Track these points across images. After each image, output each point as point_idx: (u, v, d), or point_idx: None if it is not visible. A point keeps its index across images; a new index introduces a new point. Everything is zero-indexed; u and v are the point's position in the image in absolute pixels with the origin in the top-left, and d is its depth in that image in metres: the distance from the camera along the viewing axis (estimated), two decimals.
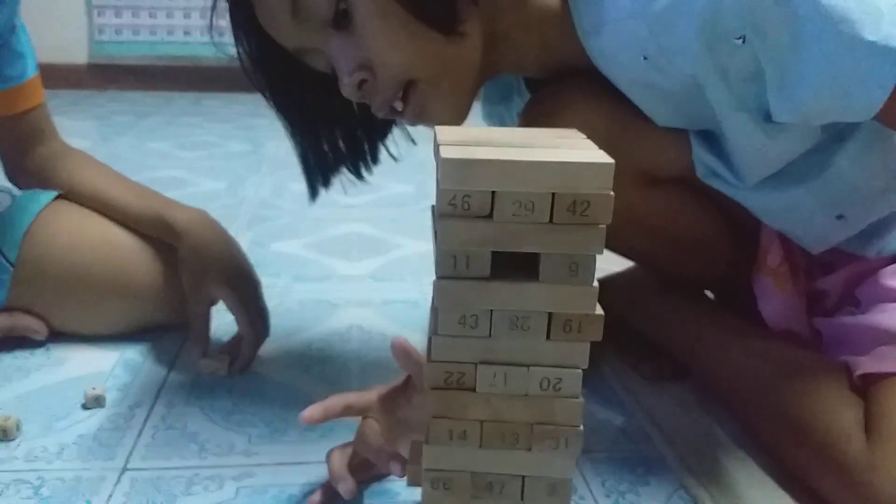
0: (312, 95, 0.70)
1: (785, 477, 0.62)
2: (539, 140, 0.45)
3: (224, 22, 0.68)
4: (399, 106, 0.65)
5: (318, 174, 0.75)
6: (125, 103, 2.34)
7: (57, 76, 2.45)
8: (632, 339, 0.82)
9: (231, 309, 0.77)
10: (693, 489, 0.61)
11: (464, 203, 0.41)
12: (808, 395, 0.61)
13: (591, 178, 0.41)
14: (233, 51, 0.67)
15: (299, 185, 1.50)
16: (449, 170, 0.41)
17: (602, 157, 0.42)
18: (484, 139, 0.45)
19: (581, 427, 0.46)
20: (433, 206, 0.47)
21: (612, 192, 0.41)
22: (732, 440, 0.68)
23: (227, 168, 1.61)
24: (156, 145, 1.80)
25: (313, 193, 0.76)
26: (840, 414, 0.59)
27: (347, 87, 0.63)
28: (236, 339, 0.78)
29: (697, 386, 0.77)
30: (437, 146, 0.44)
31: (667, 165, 0.67)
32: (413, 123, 0.68)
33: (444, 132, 0.46)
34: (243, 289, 0.78)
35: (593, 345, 0.44)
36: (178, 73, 2.60)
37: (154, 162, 1.63)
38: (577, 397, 0.45)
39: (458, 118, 0.67)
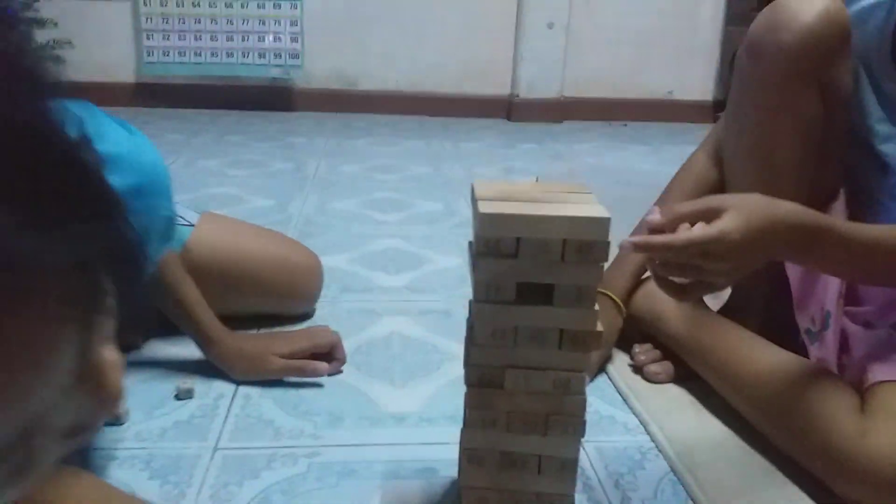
0: None
1: (770, 461, 0.75)
2: (554, 196, 0.59)
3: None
4: None
5: None
6: (174, 121, 2.51)
7: (108, 94, 2.63)
8: (643, 342, 0.95)
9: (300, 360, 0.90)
10: (681, 474, 0.74)
11: (496, 246, 0.55)
12: (808, 388, 0.73)
13: (593, 229, 0.54)
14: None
15: (340, 202, 1.65)
16: (485, 221, 0.55)
17: (601, 211, 0.55)
18: (512, 194, 0.58)
19: (585, 418, 0.59)
20: (470, 243, 0.61)
21: (609, 240, 0.55)
22: (720, 434, 0.81)
23: (274, 186, 1.76)
24: (207, 163, 1.96)
25: None
26: (835, 404, 0.70)
27: None
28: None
29: (693, 388, 0.89)
30: (474, 200, 0.58)
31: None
32: None
33: (482, 187, 0.60)
34: (293, 343, 0.91)
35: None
36: (221, 93, 2.77)
37: (207, 180, 1.79)
38: (581, 394, 0.59)
39: None
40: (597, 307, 0.57)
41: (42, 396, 0.25)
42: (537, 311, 0.57)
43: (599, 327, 0.57)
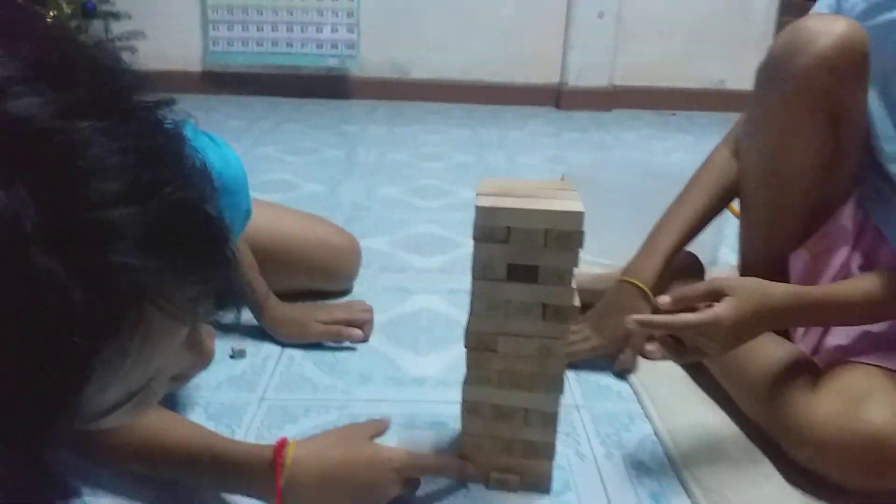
0: None
1: (745, 432, 0.84)
2: (543, 192, 0.69)
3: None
4: None
5: None
6: (237, 108, 2.69)
7: (176, 83, 2.82)
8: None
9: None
10: (661, 435, 0.84)
11: (490, 233, 0.66)
12: (768, 360, 0.83)
13: (570, 221, 0.65)
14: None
15: (386, 189, 1.77)
16: (481, 213, 0.66)
17: (577, 207, 0.66)
18: (508, 190, 0.69)
19: (564, 376, 0.70)
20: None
21: (583, 230, 0.65)
22: (703, 404, 0.90)
23: (326, 172, 1.90)
24: (265, 150, 2.12)
25: None
26: (796, 380, 0.80)
27: None
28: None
29: (685, 366, 0.98)
30: (477, 195, 0.69)
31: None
32: None
33: (483, 185, 0.71)
34: (332, 313, 1.03)
35: None
36: (281, 81, 2.93)
37: (265, 166, 1.94)
38: (561, 358, 0.70)
39: None
40: (574, 285, 0.67)
41: (166, 357, 0.39)
42: (525, 288, 0.68)
43: (577, 302, 0.68)
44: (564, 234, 0.65)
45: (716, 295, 0.73)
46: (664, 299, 0.74)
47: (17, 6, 0.38)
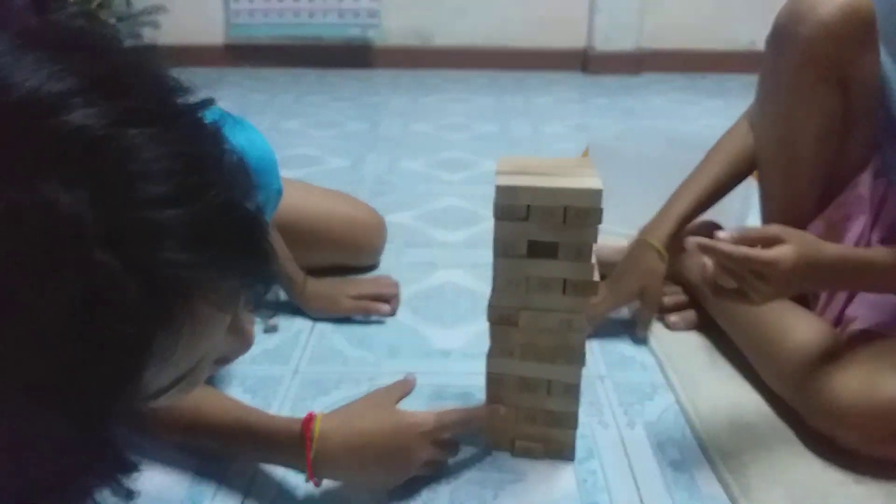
0: None
1: (766, 399, 0.86)
2: (562, 170, 0.70)
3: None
4: None
5: None
6: (259, 81, 2.71)
7: (198, 55, 2.85)
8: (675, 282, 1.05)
9: None
10: (683, 404, 0.86)
11: (510, 211, 0.68)
12: (791, 330, 0.84)
13: (588, 198, 0.66)
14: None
15: (409, 162, 1.79)
16: (501, 192, 0.67)
17: (596, 184, 0.67)
18: (527, 168, 0.70)
19: (584, 350, 0.72)
20: None
21: (601, 207, 0.66)
22: (725, 374, 0.92)
23: (350, 146, 1.92)
24: (289, 124, 2.14)
25: None
26: (812, 345, 0.81)
27: None
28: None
29: (712, 335, 0.99)
30: (496, 174, 0.70)
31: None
32: None
33: (502, 163, 0.72)
34: (361, 288, 1.06)
35: None
36: (303, 52, 2.94)
37: (290, 140, 1.97)
38: (581, 331, 0.71)
39: None
40: (593, 261, 0.69)
41: (211, 344, 0.43)
42: (545, 264, 0.69)
43: (596, 277, 0.70)
44: (583, 211, 0.66)
45: (772, 241, 0.71)
46: (723, 233, 0.71)
47: (69, 21, 0.40)
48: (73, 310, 0.33)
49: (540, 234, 0.68)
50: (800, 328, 0.84)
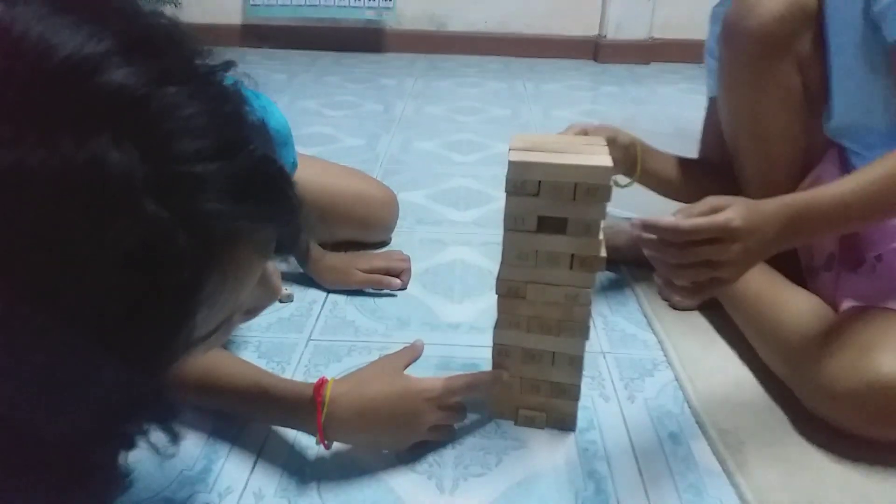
0: None
1: (761, 380, 0.88)
2: (573, 147, 0.73)
3: None
4: None
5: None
6: (277, 61, 2.73)
7: (216, 35, 2.87)
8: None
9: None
10: (682, 381, 0.89)
11: (521, 186, 0.70)
12: (787, 309, 0.87)
13: (598, 174, 0.69)
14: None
15: (422, 143, 1.81)
16: (513, 167, 0.70)
17: (606, 161, 0.69)
18: (540, 145, 0.73)
19: (589, 324, 0.75)
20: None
21: (611, 184, 0.69)
22: (724, 353, 0.95)
23: (364, 126, 1.94)
24: (306, 104, 2.17)
25: None
26: (806, 324, 0.83)
27: None
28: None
29: (713, 316, 1.02)
30: (509, 150, 0.73)
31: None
32: None
33: (516, 140, 0.75)
34: (373, 261, 1.09)
35: None
36: (319, 34, 2.96)
37: (306, 119, 1.99)
38: (587, 305, 0.74)
39: None
40: (601, 237, 0.71)
41: (245, 292, 0.46)
42: (553, 239, 0.72)
43: (603, 253, 0.72)
44: (593, 188, 0.69)
45: (716, 209, 0.67)
46: (664, 218, 0.66)
47: None
48: (129, 257, 0.36)
49: (550, 209, 0.71)
50: (794, 307, 0.87)
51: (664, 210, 1.02)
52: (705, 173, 1.11)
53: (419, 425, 0.75)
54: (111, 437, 0.43)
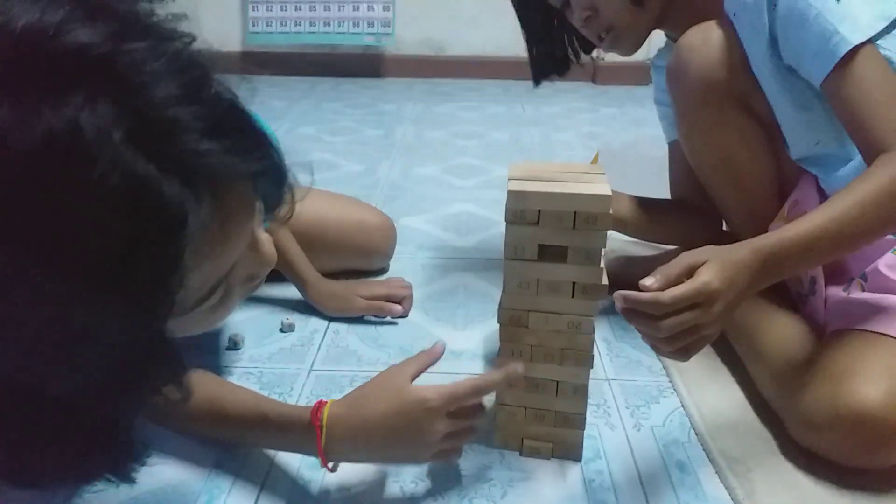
0: (548, 15, 1.07)
1: (763, 405, 0.88)
2: (572, 175, 0.73)
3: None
4: (602, 35, 1.01)
5: (538, 67, 1.16)
6: (277, 88, 2.75)
7: (217, 63, 2.89)
8: None
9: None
10: (688, 407, 0.88)
11: (521, 215, 0.70)
12: (776, 339, 0.87)
13: (598, 203, 0.69)
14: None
15: (422, 168, 1.81)
16: (512, 197, 0.70)
17: (605, 190, 0.69)
18: (538, 174, 0.73)
19: (592, 352, 0.74)
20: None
21: (611, 212, 0.69)
22: (729, 380, 0.94)
23: (365, 152, 1.95)
24: (306, 130, 2.18)
25: (536, 82, 1.20)
26: (793, 346, 0.83)
27: (577, 20, 1.00)
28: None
29: (717, 343, 1.00)
30: (508, 179, 0.73)
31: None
32: (606, 50, 1.05)
33: (514, 169, 0.75)
34: (373, 289, 1.09)
35: None
36: (319, 60, 2.98)
37: (307, 146, 2.00)
38: (590, 333, 0.74)
39: (633, 51, 1.05)
40: (602, 265, 0.71)
41: (237, 253, 0.48)
42: (554, 267, 0.72)
43: (605, 281, 0.72)
44: (592, 217, 0.69)
45: (691, 269, 0.66)
46: (648, 281, 0.65)
47: None
48: (115, 204, 0.38)
49: (550, 238, 0.70)
50: (782, 336, 0.87)
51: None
52: (682, 213, 1.12)
53: (425, 437, 0.70)
54: (124, 393, 0.45)
